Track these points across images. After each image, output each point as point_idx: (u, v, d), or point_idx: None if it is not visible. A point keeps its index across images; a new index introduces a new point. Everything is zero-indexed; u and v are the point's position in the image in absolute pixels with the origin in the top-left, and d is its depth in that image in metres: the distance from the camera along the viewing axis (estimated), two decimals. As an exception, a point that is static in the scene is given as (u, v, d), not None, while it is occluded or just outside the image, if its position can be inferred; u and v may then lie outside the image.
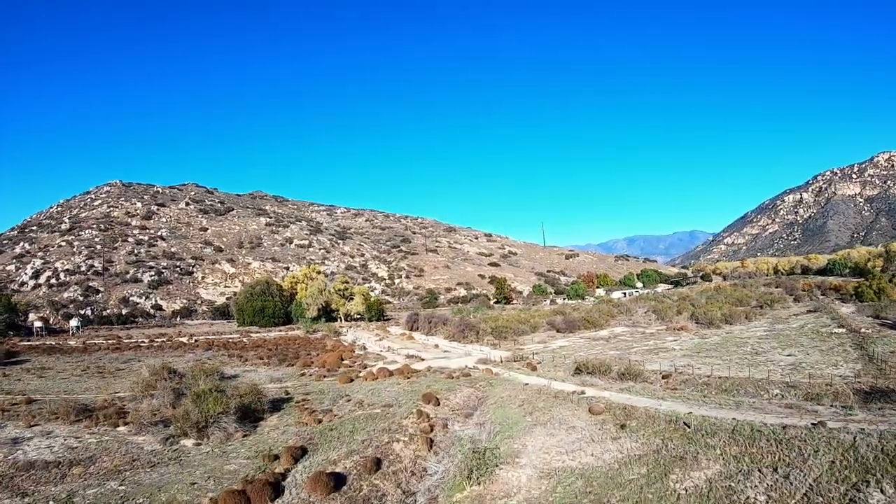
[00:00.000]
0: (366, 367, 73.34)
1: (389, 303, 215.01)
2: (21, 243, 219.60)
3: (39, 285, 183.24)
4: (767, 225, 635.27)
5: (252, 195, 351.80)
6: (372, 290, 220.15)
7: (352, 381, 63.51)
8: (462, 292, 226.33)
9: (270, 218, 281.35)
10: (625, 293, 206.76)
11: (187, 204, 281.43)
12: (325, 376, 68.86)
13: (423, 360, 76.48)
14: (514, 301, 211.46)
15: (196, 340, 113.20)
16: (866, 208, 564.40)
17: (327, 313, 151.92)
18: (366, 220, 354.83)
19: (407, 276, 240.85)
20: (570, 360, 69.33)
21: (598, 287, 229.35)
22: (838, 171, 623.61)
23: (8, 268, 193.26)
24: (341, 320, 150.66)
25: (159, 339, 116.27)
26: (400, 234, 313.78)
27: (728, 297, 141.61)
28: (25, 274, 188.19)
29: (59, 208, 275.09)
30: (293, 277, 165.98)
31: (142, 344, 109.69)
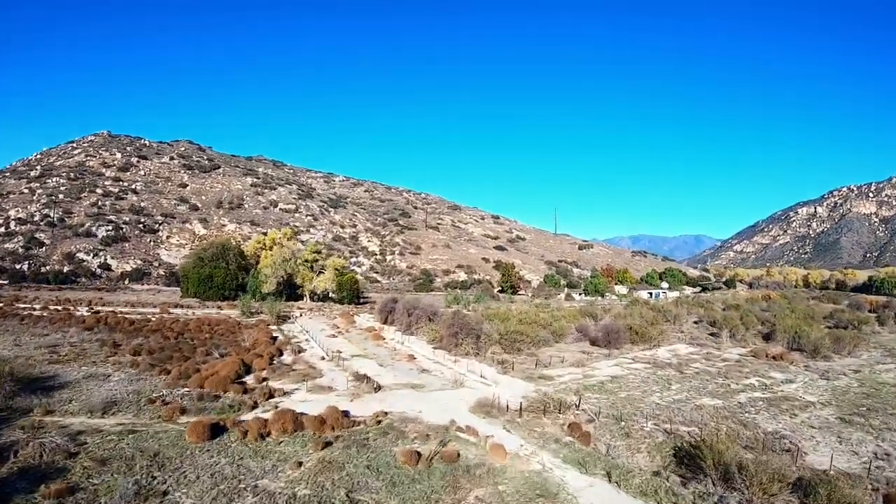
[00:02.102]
0: (271, 396, 38.67)
1: (377, 282, 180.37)
2: None
3: None
4: (779, 236, 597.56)
5: (249, 158, 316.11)
6: (358, 266, 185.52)
7: (214, 434, 29.28)
8: (462, 276, 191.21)
9: (258, 179, 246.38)
10: (651, 293, 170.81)
11: (171, 158, 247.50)
12: (181, 412, 34.28)
13: (379, 388, 41.59)
14: (522, 291, 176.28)
15: (96, 313, 79.69)
16: (881, 228, 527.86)
17: (291, 288, 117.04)
18: (365, 191, 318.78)
19: (401, 254, 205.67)
20: (642, 413, 35.77)
21: (616, 283, 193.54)
22: (855, 189, 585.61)
23: None
24: (306, 298, 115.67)
25: (57, 307, 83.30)
26: (399, 208, 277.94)
27: (795, 311, 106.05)
28: None
29: (38, 156, 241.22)
30: (258, 242, 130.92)
31: (24, 311, 77.37)
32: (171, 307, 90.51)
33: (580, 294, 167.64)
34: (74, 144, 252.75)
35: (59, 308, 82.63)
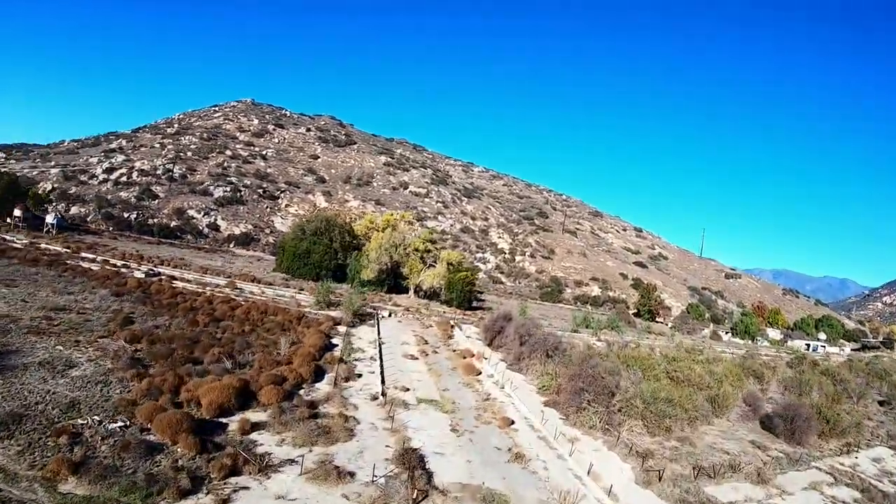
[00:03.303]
0: (234, 472, 20.91)
1: (500, 283, 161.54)
2: (120, 140, 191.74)
3: (108, 181, 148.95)
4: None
5: (390, 139, 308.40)
6: (483, 263, 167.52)
7: None
8: (595, 291, 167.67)
9: (392, 159, 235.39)
10: (808, 345, 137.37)
11: (308, 130, 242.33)
12: (71, 470, 17.39)
13: (425, 494, 22.34)
14: (661, 318, 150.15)
15: (156, 275, 67.52)
16: None
17: (396, 279, 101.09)
18: (503, 185, 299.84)
19: (532, 256, 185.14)
20: None
21: (767, 324, 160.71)
22: None
23: (91, 159, 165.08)
24: (411, 294, 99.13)
25: (115, 262, 72.34)
26: (537, 207, 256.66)
27: None
28: (100, 167, 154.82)
29: (181, 115, 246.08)
30: (371, 220, 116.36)
31: (78, 263, 68.18)
32: (246, 280, 77.38)
33: (727, 333, 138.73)
34: (216, 108, 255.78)
35: (118, 264, 71.48)
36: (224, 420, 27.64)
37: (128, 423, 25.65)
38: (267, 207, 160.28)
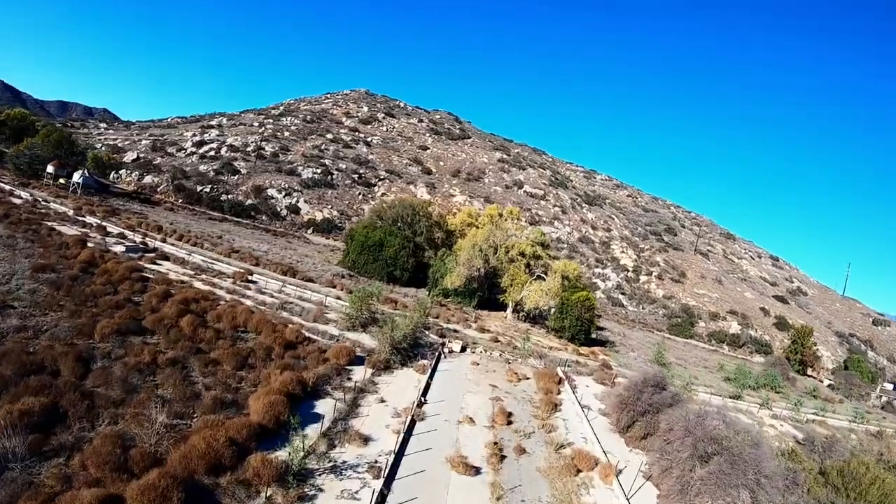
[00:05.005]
0: None
1: (621, 306, 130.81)
2: (221, 118, 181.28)
3: (194, 154, 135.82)
4: None
5: (508, 140, 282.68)
6: (602, 280, 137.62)
7: None
8: (734, 326, 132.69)
9: (508, 156, 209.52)
10: None
11: (420, 121, 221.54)
12: None
13: None
14: (813, 371, 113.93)
15: (136, 258, 46.02)
16: None
17: (492, 290, 75.40)
18: (627, 195, 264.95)
19: (660, 277, 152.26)
20: None
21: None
22: None
23: (186, 134, 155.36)
24: (508, 312, 72.64)
25: (105, 235, 52.33)
26: (664, 222, 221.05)
27: None
28: (190, 141, 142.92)
29: (292, 101, 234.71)
30: (469, 214, 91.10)
31: (54, 230, 48.92)
32: (277, 272, 54.26)
33: (889, 398, 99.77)
34: (328, 95, 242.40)
35: (113, 232, 50.94)
36: None
37: None
38: (359, 194, 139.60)
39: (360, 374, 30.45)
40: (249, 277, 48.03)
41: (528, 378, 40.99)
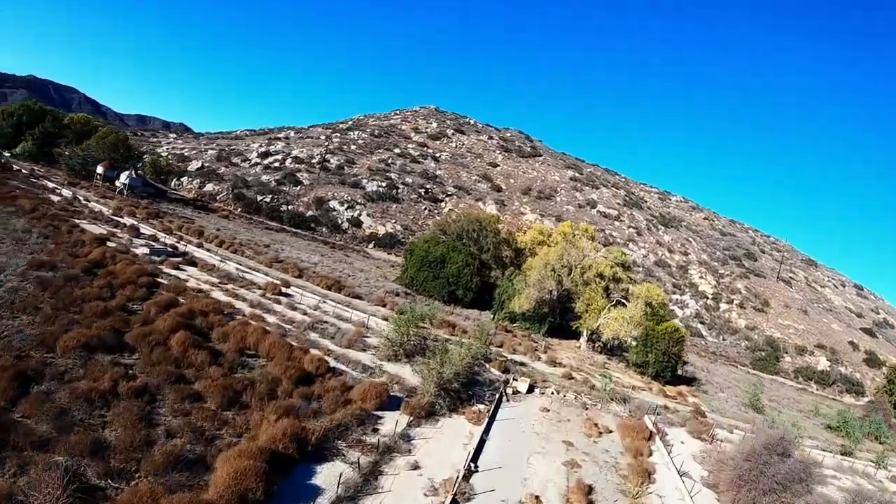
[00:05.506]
0: None
1: (700, 336, 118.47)
2: (289, 131, 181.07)
3: (258, 164, 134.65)
4: None
5: (579, 159, 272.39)
6: (681, 308, 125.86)
7: None
8: (822, 362, 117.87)
9: (580, 174, 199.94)
10: None
11: (490, 138, 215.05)
12: None
13: None
14: None
15: (163, 260, 40.39)
16: None
17: (564, 315, 66.72)
18: (704, 218, 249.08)
19: (741, 305, 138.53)
20: None
21: None
22: None
23: (252, 145, 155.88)
24: (581, 341, 63.64)
25: (136, 236, 47.38)
26: (743, 247, 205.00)
27: None
28: (254, 152, 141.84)
29: (361, 117, 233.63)
30: (541, 231, 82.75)
31: (78, 227, 43.93)
32: (321, 285, 47.61)
33: None
34: (397, 112, 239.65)
35: (146, 234, 45.68)
36: None
37: None
38: (425, 209, 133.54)
39: (391, 422, 22.54)
40: (284, 290, 41.42)
41: (610, 431, 32.08)
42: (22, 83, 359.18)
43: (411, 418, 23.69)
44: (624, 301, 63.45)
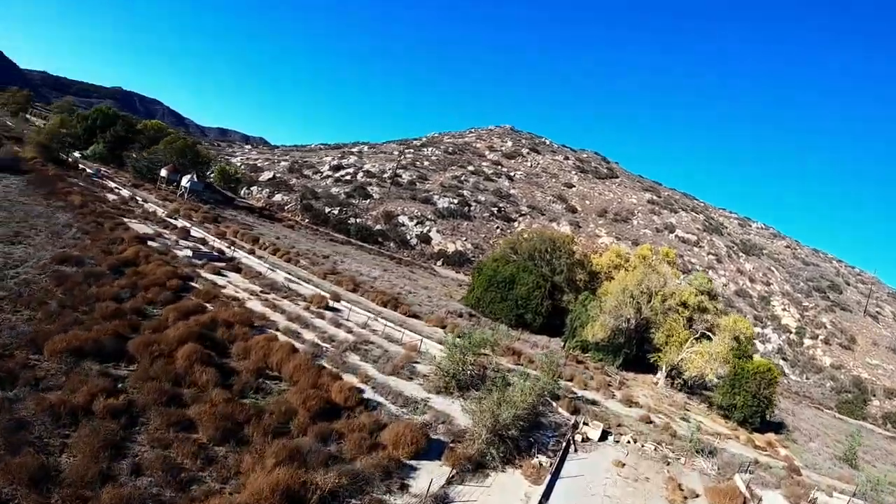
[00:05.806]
0: None
1: (783, 374, 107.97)
2: (362, 147, 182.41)
3: (329, 177, 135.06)
4: None
5: (657, 182, 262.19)
6: (762, 342, 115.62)
7: None
8: None
9: (658, 197, 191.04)
10: None
11: (566, 158, 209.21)
12: None
13: None
14: None
15: (206, 263, 37.64)
16: None
17: (641, 346, 60.46)
18: (786, 246, 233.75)
19: (826, 342, 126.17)
20: None
21: None
22: None
23: (325, 158, 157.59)
24: (660, 376, 56.94)
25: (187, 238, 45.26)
26: (827, 278, 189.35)
27: None
28: (326, 165, 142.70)
29: (436, 134, 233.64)
30: (618, 254, 76.54)
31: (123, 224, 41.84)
32: (376, 301, 43.72)
33: None
34: (472, 130, 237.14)
35: (196, 236, 43.29)
36: None
37: None
38: (497, 228, 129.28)
39: (426, 477, 17.65)
40: (331, 303, 37.66)
41: (697, 496, 26.04)
42: (109, 94, 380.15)
43: (453, 472, 18.85)
44: (709, 333, 56.59)
